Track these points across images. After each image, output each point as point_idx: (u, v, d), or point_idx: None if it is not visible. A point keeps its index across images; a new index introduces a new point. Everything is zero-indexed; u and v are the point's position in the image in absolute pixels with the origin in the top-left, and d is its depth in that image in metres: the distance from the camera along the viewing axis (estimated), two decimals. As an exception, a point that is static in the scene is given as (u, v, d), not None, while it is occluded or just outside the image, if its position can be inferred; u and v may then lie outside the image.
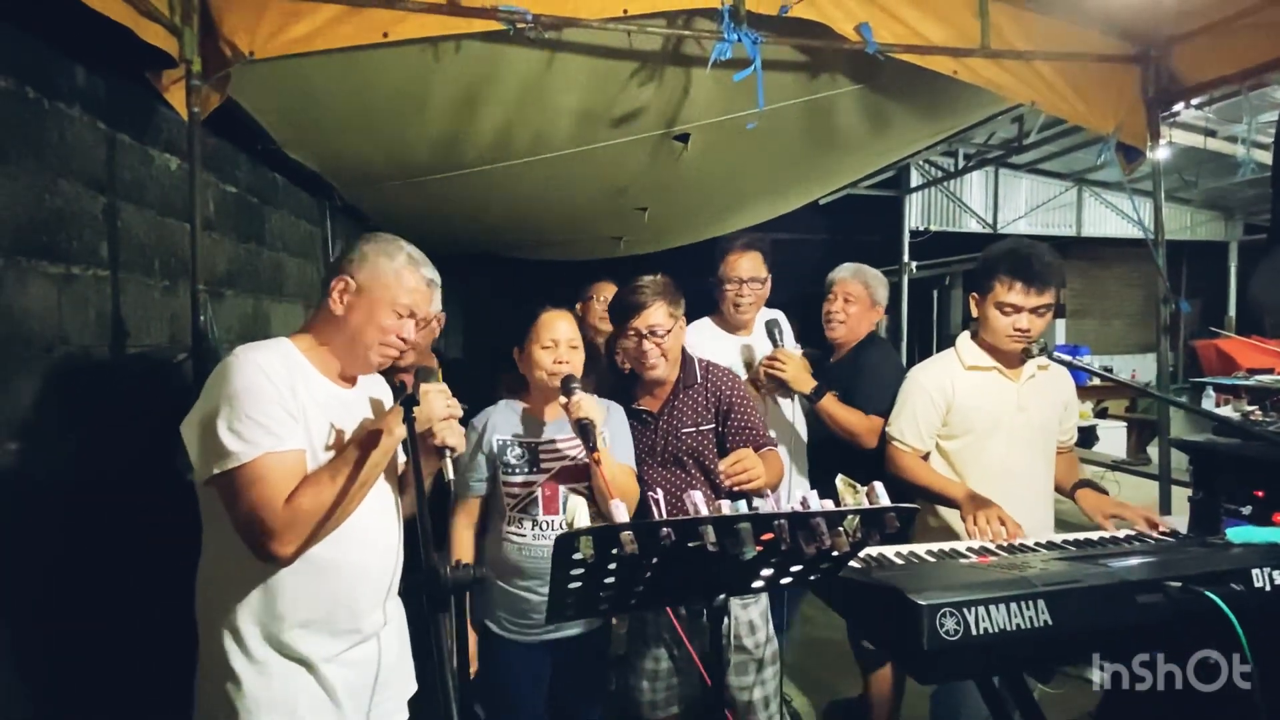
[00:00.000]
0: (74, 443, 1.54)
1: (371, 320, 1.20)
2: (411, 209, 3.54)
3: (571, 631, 1.65)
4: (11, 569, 1.35)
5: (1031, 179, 7.36)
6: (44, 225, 1.47)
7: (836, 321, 2.25)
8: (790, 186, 4.10)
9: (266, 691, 1.10)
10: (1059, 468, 1.87)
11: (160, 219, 1.91)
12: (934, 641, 0.95)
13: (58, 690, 1.46)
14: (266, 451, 1.05)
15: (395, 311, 1.21)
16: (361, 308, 1.20)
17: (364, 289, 1.20)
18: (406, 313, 1.22)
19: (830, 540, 0.89)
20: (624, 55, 2.10)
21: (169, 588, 1.26)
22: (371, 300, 1.20)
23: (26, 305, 1.42)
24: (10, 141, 1.37)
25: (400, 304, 1.21)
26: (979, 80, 2.19)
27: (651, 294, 1.69)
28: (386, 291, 1.20)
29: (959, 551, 1.36)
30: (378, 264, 1.22)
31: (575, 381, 1.52)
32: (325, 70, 1.91)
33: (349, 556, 1.16)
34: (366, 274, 1.21)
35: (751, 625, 1.74)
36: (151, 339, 1.85)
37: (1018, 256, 1.71)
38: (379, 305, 1.20)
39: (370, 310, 1.20)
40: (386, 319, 1.20)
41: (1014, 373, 1.79)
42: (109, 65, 1.65)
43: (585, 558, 0.81)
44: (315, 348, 1.22)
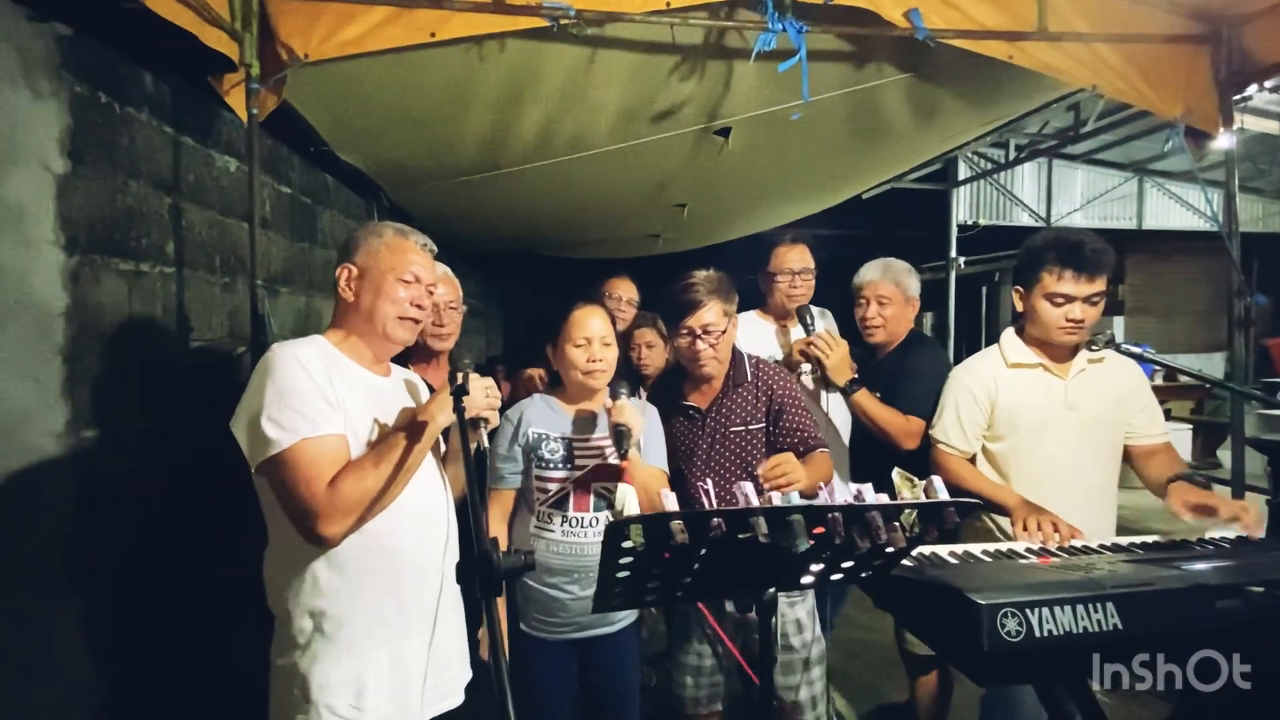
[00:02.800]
0: (146, 430, 1.61)
1: (381, 295, 1.25)
2: (454, 208, 3.61)
3: (599, 631, 1.63)
4: (92, 552, 1.42)
5: (1088, 170, 7.05)
6: (116, 224, 1.55)
7: (874, 326, 2.16)
8: (833, 180, 4.02)
9: (336, 669, 1.14)
10: (1151, 466, 1.72)
11: (220, 218, 1.99)
12: (995, 643, 0.91)
13: (137, 671, 1.53)
14: (304, 437, 1.10)
15: (400, 280, 1.26)
16: (368, 287, 1.25)
17: (364, 269, 1.26)
18: (412, 278, 1.27)
19: (885, 535, 0.86)
20: (665, 49, 2.09)
21: (242, 570, 1.32)
22: (374, 276, 1.25)
23: (100, 300, 1.49)
24: (86, 145, 1.44)
25: (401, 271, 1.26)
26: (1036, 65, 2.10)
27: (705, 292, 1.67)
28: (384, 263, 1.26)
29: (1017, 552, 1.31)
30: (369, 243, 1.28)
31: (624, 388, 1.57)
32: (374, 72, 1.96)
33: (406, 539, 1.20)
34: (362, 255, 1.27)
35: (799, 624, 1.71)
36: (212, 333, 1.93)
37: (1066, 243, 1.62)
38: (383, 278, 1.25)
39: (377, 286, 1.25)
40: (394, 290, 1.25)
41: (1061, 368, 1.70)
42: (173, 72, 1.73)
43: (635, 546, 0.81)
44: (345, 339, 1.28)
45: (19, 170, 1.29)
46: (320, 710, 1.12)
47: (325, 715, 1.12)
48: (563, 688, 1.64)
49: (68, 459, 1.39)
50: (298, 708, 1.13)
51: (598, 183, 3.30)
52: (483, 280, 7.20)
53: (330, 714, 1.12)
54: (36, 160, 1.33)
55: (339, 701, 1.13)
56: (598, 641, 1.63)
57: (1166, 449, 1.75)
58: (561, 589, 1.58)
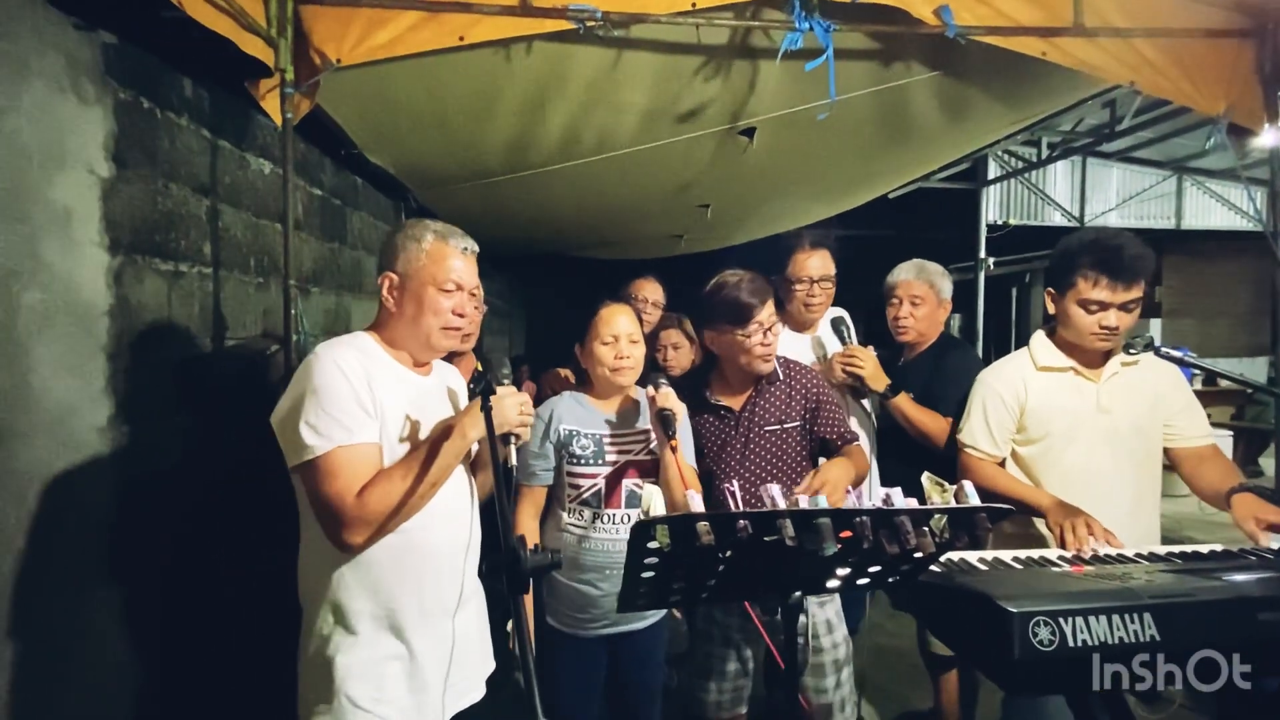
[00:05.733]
0: (184, 425, 1.66)
1: (423, 306, 1.24)
2: (480, 210, 3.65)
3: (628, 627, 1.64)
4: (132, 541, 1.47)
5: (1124, 168, 6.87)
6: (156, 226, 1.60)
7: (905, 327, 2.15)
8: (859, 180, 3.98)
9: (358, 663, 1.16)
10: (1205, 473, 1.65)
11: (255, 220, 2.04)
12: (1026, 651, 0.89)
13: (172, 658, 1.58)
14: (338, 445, 1.11)
15: (442, 290, 1.24)
16: (410, 298, 1.24)
17: (406, 278, 1.25)
18: (453, 287, 1.25)
19: (915, 540, 0.85)
20: (690, 50, 2.09)
21: (275, 564, 1.35)
22: (416, 287, 1.24)
23: (142, 299, 1.54)
24: (129, 149, 1.49)
25: (442, 281, 1.24)
26: (1071, 62, 2.06)
27: (763, 289, 1.70)
28: (425, 273, 1.24)
29: (1049, 560, 1.28)
30: (409, 250, 1.25)
31: (663, 379, 1.60)
32: (402, 75, 1.99)
33: (429, 537, 1.21)
34: (403, 263, 1.25)
35: (829, 624, 1.71)
36: (247, 331, 1.98)
37: (1103, 247, 1.56)
38: (425, 289, 1.24)
39: (419, 297, 1.24)
40: (436, 300, 1.24)
41: (1094, 372, 1.65)
42: (211, 78, 1.78)
43: (661, 546, 0.81)
44: (391, 343, 1.28)
45: (67, 174, 1.34)
46: (342, 701, 1.14)
47: (347, 706, 1.14)
48: (593, 683, 1.67)
49: (110, 453, 1.43)
50: (321, 698, 1.16)
51: (622, 184, 3.31)
52: (507, 282, 7.27)
53: (352, 705, 1.14)
54: (83, 164, 1.38)
55: (360, 693, 1.15)
56: (629, 637, 1.65)
57: (1216, 453, 1.67)
58: (594, 585, 1.60)
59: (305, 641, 1.21)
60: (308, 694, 1.19)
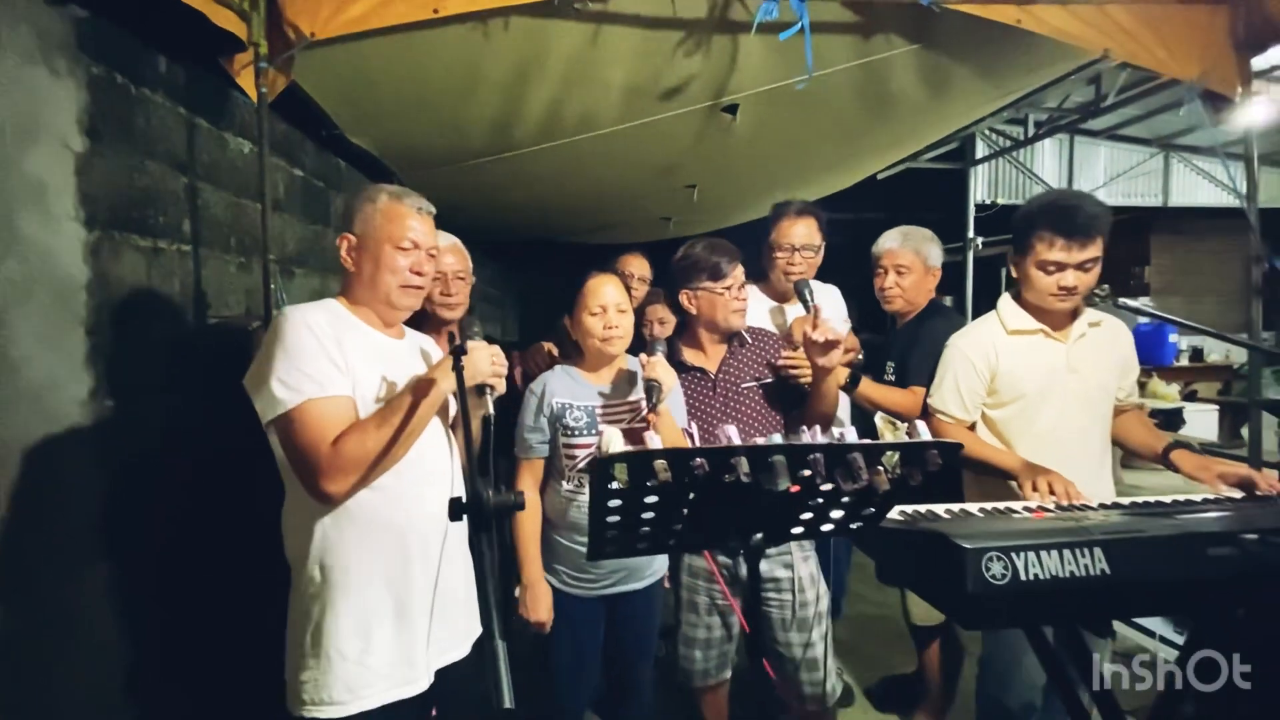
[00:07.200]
0: (166, 400, 1.68)
1: (380, 264, 1.27)
2: (466, 193, 3.65)
3: (627, 587, 1.71)
4: (117, 514, 1.49)
5: (1111, 146, 6.87)
6: (134, 202, 1.61)
7: (892, 296, 2.17)
8: (845, 160, 3.99)
9: (345, 616, 1.20)
10: (1134, 430, 1.75)
11: (235, 200, 2.05)
12: (979, 585, 0.92)
13: (166, 627, 1.60)
14: (309, 398, 1.14)
15: (398, 248, 1.27)
16: (368, 257, 1.27)
17: (363, 238, 1.28)
18: (410, 245, 1.28)
19: (869, 477, 0.88)
20: (669, 25, 2.09)
21: (262, 531, 1.37)
22: (373, 246, 1.27)
23: (121, 275, 1.55)
24: (104, 124, 1.50)
25: (398, 239, 1.27)
26: (1045, 29, 2.07)
27: (733, 251, 1.80)
28: (381, 232, 1.27)
29: (1013, 509, 1.31)
30: (364, 210, 1.29)
31: (660, 346, 1.65)
32: (380, 53, 1.99)
33: (407, 495, 1.24)
34: (360, 223, 1.29)
35: (812, 578, 1.76)
36: (229, 310, 1.99)
37: (1058, 209, 1.59)
38: (381, 247, 1.27)
39: (376, 256, 1.27)
40: (393, 258, 1.27)
41: (1062, 333, 1.69)
42: (186, 55, 1.78)
43: (621, 485, 0.84)
44: (357, 306, 1.31)
45: (40, 146, 1.34)
46: (330, 654, 1.17)
47: (335, 659, 1.17)
48: (593, 642, 1.73)
49: (92, 426, 1.45)
50: (309, 653, 1.19)
51: (607, 164, 3.31)
52: (499, 269, 7.27)
53: (340, 657, 1.17)
54: (56, 137, 1.38)
55: (348, 646, 1.18)
56: (628, 596, 1.72)
57: (1142, 411, 1.78)
58: None
59: (293, 598, 1.24)
60: (295, 650, 1.22)
